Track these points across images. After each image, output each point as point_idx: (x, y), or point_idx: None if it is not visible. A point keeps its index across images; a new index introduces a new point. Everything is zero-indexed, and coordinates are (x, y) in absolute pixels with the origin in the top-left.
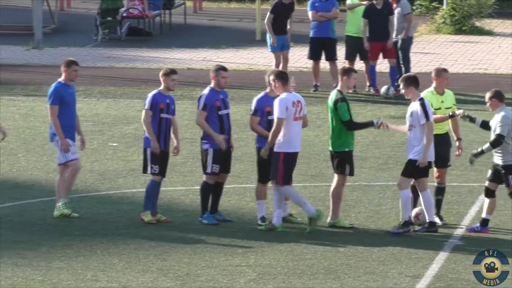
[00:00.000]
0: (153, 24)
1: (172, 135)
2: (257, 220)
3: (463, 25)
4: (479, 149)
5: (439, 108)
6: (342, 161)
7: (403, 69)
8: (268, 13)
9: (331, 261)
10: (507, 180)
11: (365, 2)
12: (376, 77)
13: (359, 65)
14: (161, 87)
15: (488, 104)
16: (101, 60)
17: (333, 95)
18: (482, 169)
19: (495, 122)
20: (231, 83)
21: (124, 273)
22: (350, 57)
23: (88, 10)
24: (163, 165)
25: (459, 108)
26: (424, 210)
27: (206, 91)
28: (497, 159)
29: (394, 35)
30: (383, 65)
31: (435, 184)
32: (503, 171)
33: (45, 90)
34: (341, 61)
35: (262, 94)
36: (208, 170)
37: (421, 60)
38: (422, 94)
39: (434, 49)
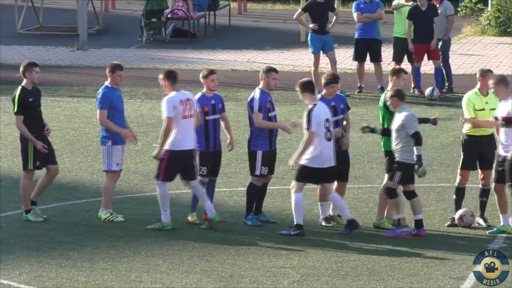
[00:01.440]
0: (197, 26)
1: (225, 131)
2: (320, 221)
3: (507, 26)
4: (415, 158)
5: (483, 109)
6: (392, 161)
7: (444, 70)
8: (300, 9)
9: (375, 263)
10: (394, 175)
11: (409, 4)
12: (420, 79)
13: (405, 66)
14: (204, 89)
15: (389, 103)
16: (145, 61)
17: (383, 95)
18: None
19: (401, 122)
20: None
21: (168, 274)
22: (397, 58)
23: (132, 11)
24: (214, 166)
25: None
26: (340, 211)
27: (257, 93)
28: (398, 155)
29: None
30: (427, 66)
31: (480, 186)
32: (395, 165)
33: (89, 91)
34: (386, 63)
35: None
36: (257, 173)
37: (465, 62)
38: (467, 95)
39: (478, 51)
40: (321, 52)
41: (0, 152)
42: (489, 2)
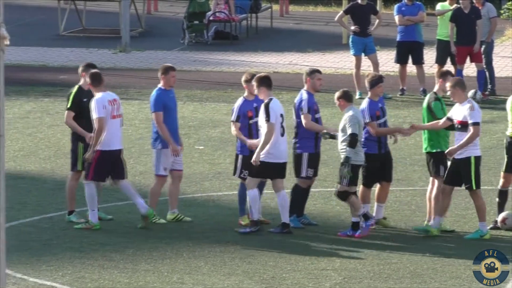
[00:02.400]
0: (239, 28)
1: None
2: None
3: None
4: (343, 159)
5: None
6: (436, 162)
7: (487, 73)
8: (341, 12)
9: (417, 265)
10: (342, 179)
11: (453, 7)
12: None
13: (448, 69)
14: (245, 93)
15: (336, 104)
16: (187, 64)
17: (427, 97)
18: None
19: (344, 123)
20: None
21: (209, 276)
22: (440, 61)
23: (175, 14)
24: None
25: None
26: (280, 211)
27: (304, 95)
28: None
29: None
30: (470, 69)
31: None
32: (341, 167)
33: (132, 93)
34: (428, 65)
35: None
36: (303, 174)
37: (508, 64)
38: (511, 98)
39: None
40: (363, 54)
41: (44, 154)
42: None
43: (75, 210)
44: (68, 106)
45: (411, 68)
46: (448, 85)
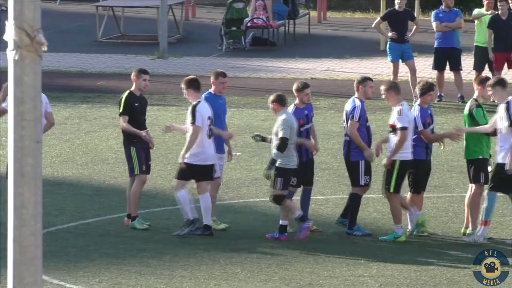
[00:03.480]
0: (277, 34)
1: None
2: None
3: None
4: (270, 162)
5: None
6: (477, 169)
7: None
8: (378, 18)
9: (454, 272)
10: (275, 182)
11: (489, 12)
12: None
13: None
14: (296, 101)
15: (270, 108)
16: (225, 70)
17: (468, 104)
18: None
19: (277, 126)
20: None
21: (246, 282)
22: (478, 67)
23: (212, 20)
24: (309, 174)
25: None
26: (202, 213)
27: (357, 102)
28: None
29: None
30: (508, 75)
31: None
32: (278, 173)
33: (169, 100)
34: (466, 71)
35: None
36: (362, 182)
37: None
38: None
39: None
40: (400, 60)
41: (81, 160)
42: None
43: (137, 215)
44: (121, 111)
45: (448, 74)
46: (382, 88)
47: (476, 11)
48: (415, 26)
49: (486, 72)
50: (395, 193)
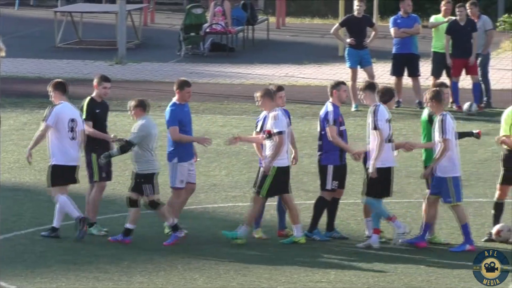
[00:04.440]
0: (236, 40)
1: (290, 147)
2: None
3: None
4: (105, 155)
5: None
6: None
7: (482, 85)
8: (337, 24)
9: (411, 278)
10: (143, 188)
11: (447, 19)
12: (458, 94)
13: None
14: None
15: (131, 113)
16: (183, 76)
17: (426, 110)
18: None
19: (132, 129)
20: (313, 99)
21: None
22: (436, 73)
23: (171, 26)
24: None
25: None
26: (55, 214)
27: (330, 107)
28: (134, 167)
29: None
30: (466, 81)
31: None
32: (141, 180)
33: (126, 105)
34: (424, 77)
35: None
36: (328, 187)
37: (504, 77)
38: (507, 111)
39: None
40: (359, 66)
41: (39, 166)
42: None
43: (96, 222)
44: (84, 116)
45: (407, 80)
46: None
47: (433, 18)
48: (373, 32)
49: (444, 78)
50: (266, 197)
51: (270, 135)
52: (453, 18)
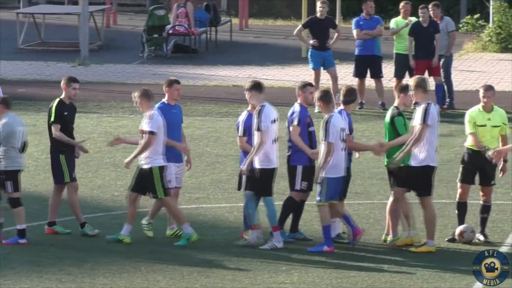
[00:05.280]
0: (199, 41)
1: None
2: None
3: (509, 43)
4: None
5: (485, 125)
6: (397, 177)
7: (445, 86)
8: (300, 26)
9: (375, 279)
10: (4, 185)
11: (407, 21)
12: None
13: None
14: (249, 107)
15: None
16: (146, 77)
17: (389, 112)
18: None
19: None
20: (276, 101)
21: None
22: (399, 74)
23: (134, 27)
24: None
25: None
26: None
27: (296, 107)
28: (3, 164)
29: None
30: (428, 82)
31: (481, 202)
32: (3, 176)
33: (90, 107)
34: (387, 79)
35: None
36: (297, 187)
37: (466, 78)
38: (469, 111)
39: (480, 67)
40: (322, 68)
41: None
42: (490, 18)
43: (86, 222)
44: (52, 119)
45: (369, 81)
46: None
47: (393, 22)
48: (336, 34)
49: (407, 80)
50: (165, 196)
51: (143, 134)
52: (413, 19)
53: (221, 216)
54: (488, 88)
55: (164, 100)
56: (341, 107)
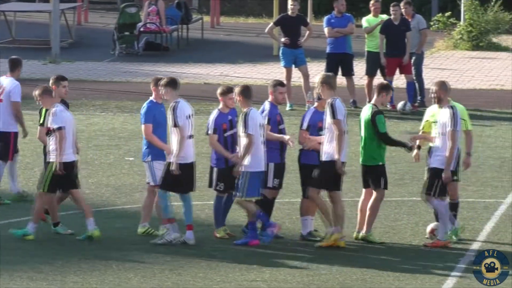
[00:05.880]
0: (170, 39)
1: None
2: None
3: (480, 41)
4: None
5: (427, 121)
6: (377, 175)
7: (416, 84)
8: (271, 23)
9: (346, 276)
10: None
11: (378, 19)
12: (393, 93)
13: (377, 80)
14: (220, 106)
15: None
16: (118, 75)
17: (368, 110)
18: (498, 185)
19: None
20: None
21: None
22: (370, 72)
23: (105, 25)
24: (233, 180)
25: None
26: None
27: (266, 105)
28: None
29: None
30: (400, 80)
31: (447, 199)
32: None
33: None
34: (358, 76)
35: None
36: (270, 185)
37: (438, 76)
38: (430, 109)
39: (451, 65)
40: (293, 66)
41: None
42: (462, 16)
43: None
44: (41, 121)
45: (341, 79)
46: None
47: (364, 21)
48: (308, 32)
49: (378, 77)
50: (49, 192)
51: (50, 131)
52: (384, 17)
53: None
54: (436, 84)
55: (152, 98)
56: (315, 105)
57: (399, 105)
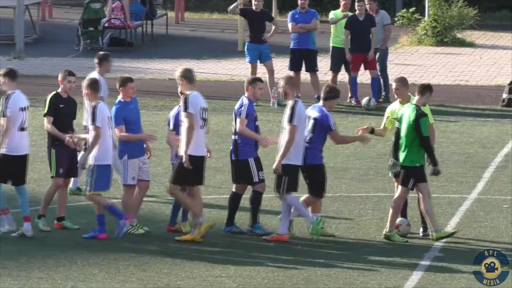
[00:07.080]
0: (134, 35)
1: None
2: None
3: (444, 36)
4: None
5: (388, 117)
6: (415, 176)
7: (381, 80)
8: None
9: (311, 272)
10: None
11: (343, 16)
12: (357, 88)
13: (342, 76)
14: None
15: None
16: (82, 70)
17: (412, 111)
18: (462, 180)
19: None
20: (212, 94)
21: (104, 283)
22: (335, 68)
23: (70, 20)
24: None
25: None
26: None
27: (245, 101)
28: None
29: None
30: (364, 76)
31: (418, 195)
32: None
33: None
34: (323, 72)
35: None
36: (256, 179)
37: (402, 72)
38: (391, 105)
39: (415, 61)
40: (258, 61)
41: None
42: (426, 12)
43: (44, 215)
44: (46, 111)
45: (305, 75)
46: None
47: (332, 14)
48: (273, 27)
49: (343, 73)
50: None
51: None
52: (350, 13)
53: (157, 209)
54: (396, 80)
55: (120, 98)
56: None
57: (364, 100)
